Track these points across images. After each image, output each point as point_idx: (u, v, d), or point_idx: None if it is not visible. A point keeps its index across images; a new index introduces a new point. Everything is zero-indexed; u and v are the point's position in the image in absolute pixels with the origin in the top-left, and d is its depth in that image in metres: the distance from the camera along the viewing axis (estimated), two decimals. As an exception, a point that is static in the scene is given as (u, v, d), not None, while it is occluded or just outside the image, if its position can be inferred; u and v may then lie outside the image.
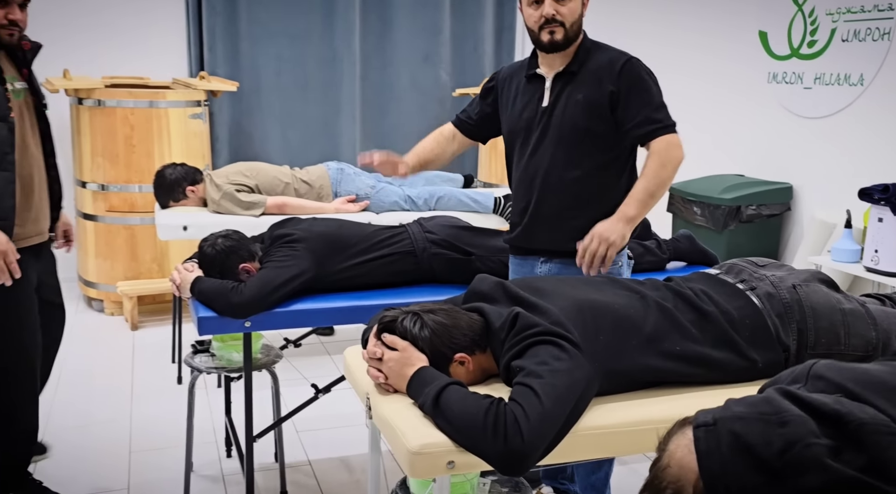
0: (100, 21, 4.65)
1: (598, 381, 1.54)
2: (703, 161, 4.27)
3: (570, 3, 2.06)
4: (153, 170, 4.04)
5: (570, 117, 2.10)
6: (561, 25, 2.05)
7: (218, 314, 2.22)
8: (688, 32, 4.35)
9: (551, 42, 2.07)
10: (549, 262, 2.20)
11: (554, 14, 2.04)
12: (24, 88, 2.40)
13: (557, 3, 2.05)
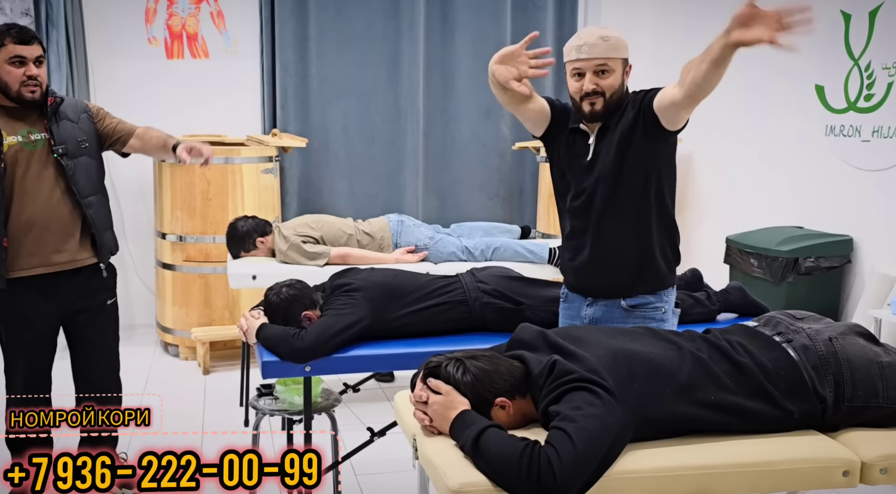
0: (183, 82, 5.00)
1: (631, 427, 1.61)
2: (761, 213, 4.27)
3: (610, 78, 2.14)
4: (227, 221, 4.30)
5: (609, 167, 2.18)
6: (601, 96, 2.14)
7: (280, 359, 2.38)
8: (745, 86, 4.41)
9: (591, 113, 2.17)
10: (594, 305, 2.28)
11: (594, 88, 2.13)
12: (42, 138, 2.64)
13: (598, 77, 2.13)
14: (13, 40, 2.56)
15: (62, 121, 2.70)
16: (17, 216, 2.62)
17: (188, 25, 4.98)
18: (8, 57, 2.55)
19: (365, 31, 5.19)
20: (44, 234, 2.65)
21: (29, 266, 2.64)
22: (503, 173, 5.55)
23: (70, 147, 2.68)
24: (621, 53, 2.16)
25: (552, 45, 5.54)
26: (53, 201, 2.67)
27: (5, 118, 2.63)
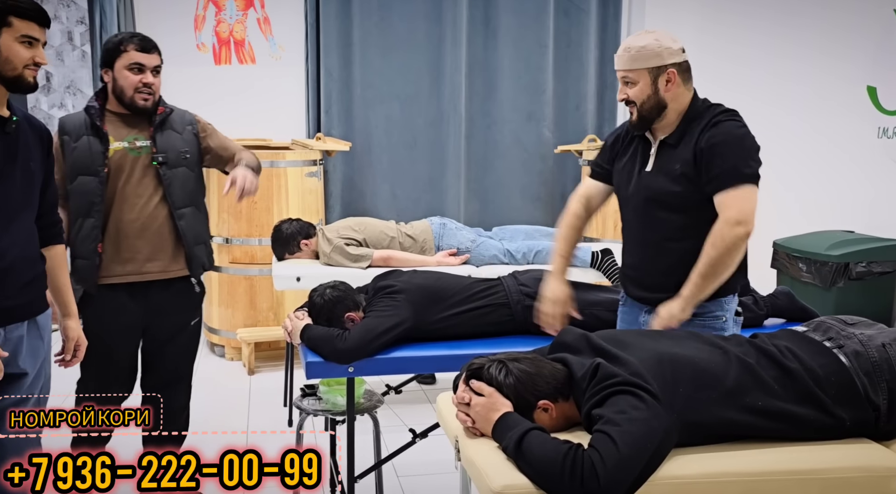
0: (230, 88, 5.10)
1: (676, 432, 1.59)
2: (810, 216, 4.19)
3: (635, 88, 2.15)
4: (271, 224, 4.36)
5: (661, 185, 2.16)
6: (634, 106, 2.16)
7: (324, 359, 2.40)
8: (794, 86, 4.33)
9: (632, 124, 2.21)
10: (651, 312, 2.24)
11: (624, 97, 2.17)
12: (147, 146, 2.65)
13: (626, 87, 2.17)
14: (135, 47, 2.57)
15: (167, 130, 2.69)
16: (115, 221, 2.63)
17: (235, 32, 5.08)
18: (128, 63, 2.56)
19: (408, 36, 5.23)
20: (138, 242, 2.64)
21: (122, 272, 2.64)
22: (545, 176, 5.54)
23: (171, 157, 2.67)
24: (644, 64, 2.13)
25: (595, 48, 5.51)
26: (149, 209, 2.66)
27: (115, 123, 2.64)
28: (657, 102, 2.16)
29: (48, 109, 5.14)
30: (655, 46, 2.14)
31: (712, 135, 2.10)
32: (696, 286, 2.08)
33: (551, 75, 5.44)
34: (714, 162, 2.08)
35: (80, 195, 2.61)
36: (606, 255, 3.73)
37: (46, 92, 5.14)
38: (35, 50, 2.02)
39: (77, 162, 2.61)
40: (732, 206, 2.05)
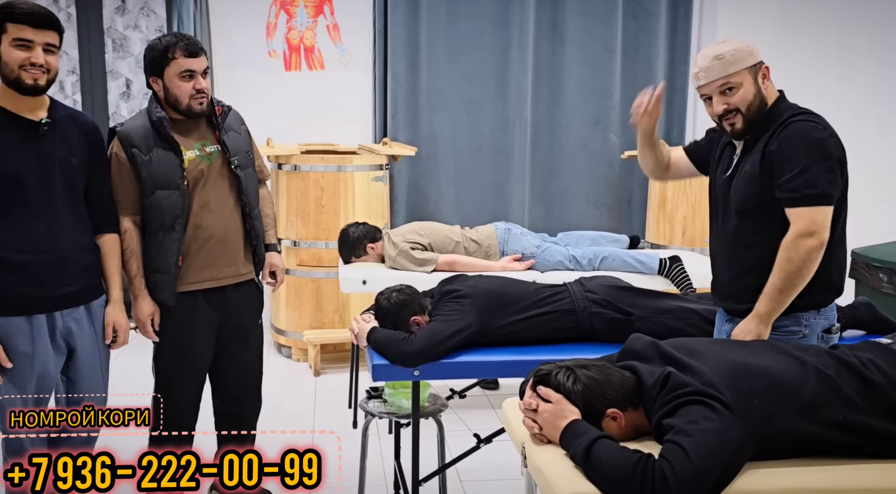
0: (299, 93, 5.20)
1: (750, 445, 1.55)
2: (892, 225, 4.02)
3: (739, 92, 2.05)
4: (338, 228, 4.43)
5: (740, 188, 2.11)
6: (738, 112, 2.06)
7: (390, 362, 2.42)
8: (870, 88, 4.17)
9: (734, 132, 2.10)
10: (732, 322, 2.18)
11: (725, 107, 2.06)
12: (216, 150, 2.61)
13: (725, 96, 2.06)
14: (183, 53, 2.47)
15: (230, 131, 2.66)
16: (196, 229, 2.59)
17: (305, 38, 5.18)
18: (178, 71, 2.46)
19: (474, 42, 5.24)
20: (217, 247, 2.63)
21: (199, 279, 2.62)
22: (611, 182, 5.47)
23: (241, 158, 2.66)
24: (742, 64, 2.05)
25: (665, 52, 5.42)
26: (227, 213, 2.64)
27: (178, 133, 2.56)
28: (761, 101, 2.08)
29: (127, 115, 5.33)
30: (744, 46, 2.07)
31: (785, 136, 2.01)
32: (770, 301, 2.01)
33: (619, 80, 5.37)
34: (784, 167, 1.99)
35: (161, 210, 2.53)
36: (675, 262, 3.65)
37: (126, 98, 5.34)
38: (31, 51, 2.13)
39: (154, 176, 2.51)
40: (803, 218, 1.97)
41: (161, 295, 2.58)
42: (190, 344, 2.63)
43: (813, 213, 1.97)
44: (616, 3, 5.28)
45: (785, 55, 4.84)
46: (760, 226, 2.08)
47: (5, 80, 2.15)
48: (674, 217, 4.80)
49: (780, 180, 2.00)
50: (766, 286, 2.02)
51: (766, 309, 2.01)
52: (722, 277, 2.21)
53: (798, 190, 1.97)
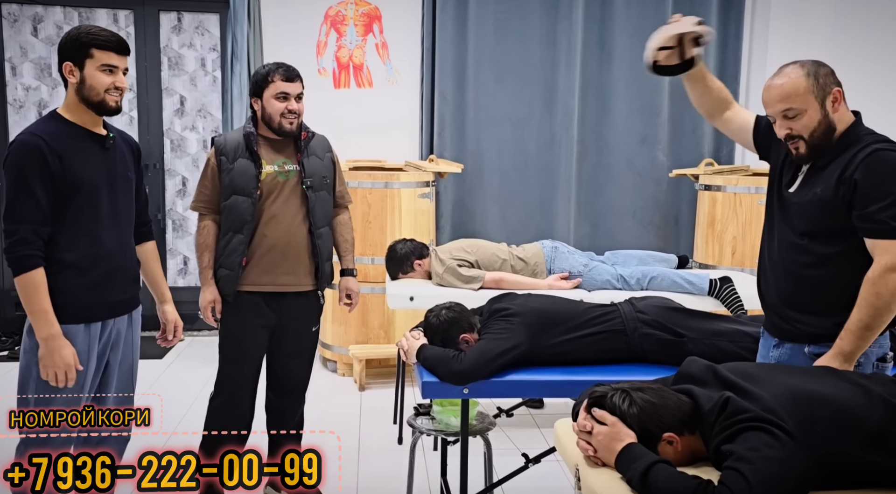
0: (348, 110, 5.26)
1: (813, 473, 1.52)
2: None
3: (803, 119, 1.98)
4: (385, 244, 4.46)
5: (806, 210, 2.03)
6: (800, 139, 2.00)
7: (440, 380, 2.43)
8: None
9: (798, 156, 2.04)
10: (780, 347, 2.11)
11: (788, 132, 2.01)
12: (294, 170, 2.91)
13: (788, 121, 2.00)
14: (281, 78, 2.82)
15: (311, 156, 2.96)
16: (262, 237, 2.88)
17: (355, 56, 5.26)
18: (275, 92, 2.82)
19: (522, 60, 5.26)
20: (279, 256, 2.89)
21: (260, 282, 2.89)
22: (658, 201, 5.42)
23: (315, 181, 2.93)
24: (808, 90, 1.98)
25: (715, 69, 5.37)
26: (293, 227, 2.90)
27: (266, 148, 2.90)
28: (828, 126, 2.00)
29: (181, 131, 5.47)
30: (813, 71, 2.00)
31: (871, 165, 1.92)
32: (857, 338, 1.91)
33: (667, 98, 5.34)
34: (871, 197, 1.91)
35: (234, 213, 2.87)
36: (726, 283, 3.60)
37: (180, 115, 5.47)
38: (115, 76, 2.28)
39: (233, 182, 2.86)
40: (890, 251, 1.90)
41: (224, 289, 2.90)
42: (246, 337, 2.91)
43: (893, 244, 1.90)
44: (665, 21, 5.25)
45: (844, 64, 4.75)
46: (826, 249, 2.00)
47: (86, 101, 2.27)
48: (723, 236, 4.74)
49: (865, 210, 1.92)
50: (849, 323, 1.92)
51: (852, 348, 1.92)
52: (773, 295, 2.13)
53: (887, 222, 1.89)
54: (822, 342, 2.00)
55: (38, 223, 2.20)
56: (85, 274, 2.29)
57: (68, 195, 2.25)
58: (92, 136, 2.32)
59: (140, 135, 5.37)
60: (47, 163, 2.20)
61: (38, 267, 2.19)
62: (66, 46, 2.27)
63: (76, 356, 2.24)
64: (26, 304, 2.20)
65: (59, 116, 2.30)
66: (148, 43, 5.36)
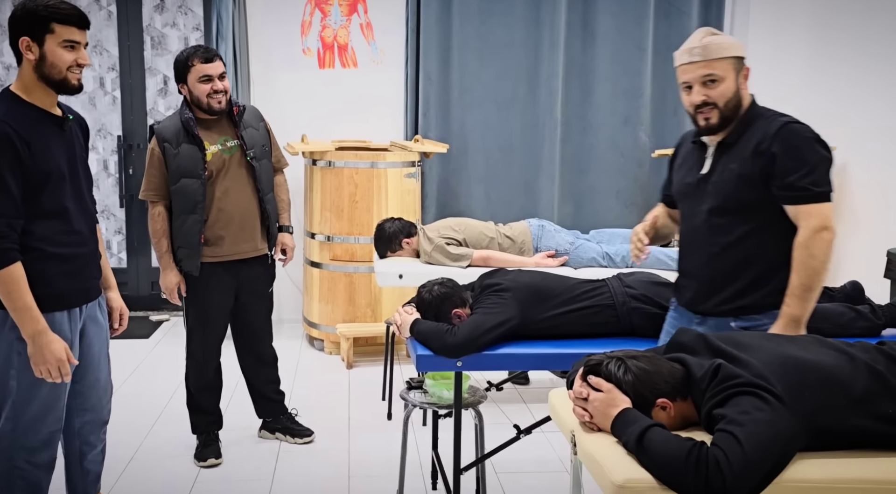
0: (333, 91, 5.27)
1: (801, 436, 1.58)
2: (926, 225, 4.02)
3: (720, 86, 2.05)
4: (371, 223, 4.48)
5: (723, 187, 2.11)
6: (714, 107, 2.07)
7: (434, 353, 2.47)
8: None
9: (707, 126, 2.11)
10: (704, 323, 2.19)
11: (704, 99, 2.07)
12: (236, 145, 3.12)
13: (706, 88, 2.06)
14: (200, 60, 2.99)
15: (248, 128, 3.17)
16: (218, 212, 3.10)
17: (339, 37, 5.25)
18: (198, 76, 2.98)
19: (506, 41, 5.28)
20: (237, 227, 3.14)
21: (220, 254, 3.13)
22: (641, 181, 5.49)
23: (257, 151, 3.17)
24: (733, 51, 2.06)
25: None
26: (245, 198, 3.15)
27: (203, 130, 3.07)
28: (738, 100, 2.10)
29: (164, 111, 5.42)
30: (731, 40, 2.08)
31: (784, 137, 2.03)
32: (802, 301, 2.00)
33: (649, 79, 5.39)
34: (789, 166, 2.01)
35: (184, 195, 3.06)
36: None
37: (164, 95, 5.43)
38: (77, 52, 2.13)
39: (180, 167, 3.04)
40: (815, 214, 2.01)
41: (187, 266, 3.11)
42: (211, 304, 3.18)
43: (823, 209, 2.02)
44: (648, 3, 5.30)
45: (820, 51, 4.84)
46: (743, 227, 2.09)
47: (47, 79, 2.12)
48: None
49: (786, 180, 2.01)
50: (790, 288, 2.01)
51: (800, 312, 2.01)
52: (697, 276, 2.19)
53: (808, 188, 2.00)
54: (746, 315, 2.10)
55: (11, 216, 2.07)
56: (63, 262, 2.20)
57: (39, 184, 2.13)
58: (51, 119, 2.18)
59: (123, 115, 5.33)
60: (17, 153, 2.06)
61: (15, 260, 2.07)
62: (22, 19, 2.08)
63: (68, 349, 2.16)
64: (7, 301, 2.09)
65: (15, 97, 2.13)
66: (130, 22, 5.31)
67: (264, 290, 3.34)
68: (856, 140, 4.58)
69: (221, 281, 3.16)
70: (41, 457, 2.28)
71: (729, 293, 2.12)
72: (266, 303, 3.39)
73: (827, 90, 4.78)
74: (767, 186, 2.05)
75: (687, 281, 2.25)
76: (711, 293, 2.16)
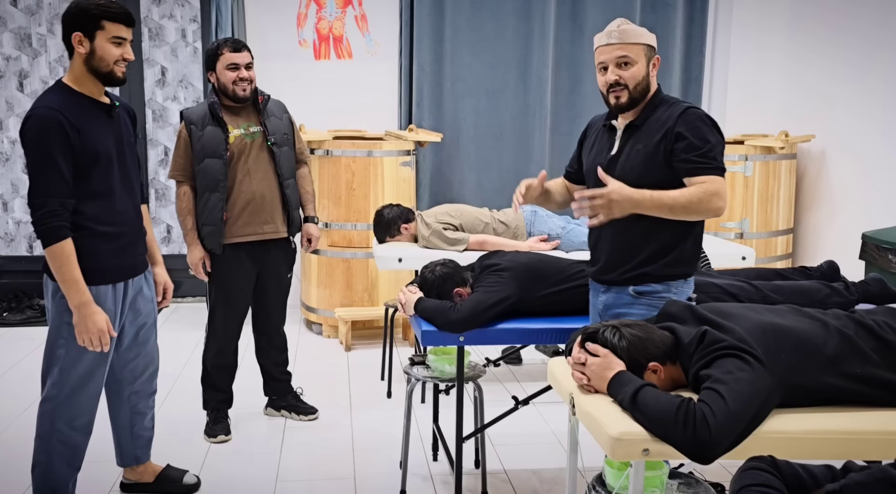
0: (328, 81, 5.39)
1: (779, 393, 1.75)
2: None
3: (633, 69, 2.24)
4: (368, 210, 4.62)
5: (630, 167, 2.28)
6: (625, 88, 2.25)
7: (437, 329, 2.63)
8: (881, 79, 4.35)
9: (617, 105, 2.28)
10: (608, 292, 2.39)
11: (617, 79, 2.24)
12: (258, 130, 3.30)
13: (620, 69, 2.24)
14: (229, 49, 3.20)
15: (271, 117, 3.36)
16: (239, 193, 3.28)
17: (334, 28, 5.37)
18: (226, 64, 3.19)
19: (497, 33, 5.43)
20: (257, 208, 3.31)
21: (244, 233, 3.30)
22: (628, 169, 5.64)
23: (278, 138, 3.35)
24: (646, 39, 2.25)
25: (682, 42, 5.60)
26: (266, 181, 3.33)
27: (228, 115, 3.28)
28: (647, 85, 2.28)
29: (162, 102, 5.53)
30: (644, 30, 2.27)
31: (687, 120, 2.20)
32: (656, 205, 2.16)
33: (636, 69, 5.54)
34: (693, 144, 2.18)
35: (208, 174, 3.23)
36: (694, 243, 3.84)
37: (161, 85, 5.53)
38: (123, 48, 2.36)
39: (204, 147, 3.22)
40: (715, 183, 2.17)
41: (210, 244, 3.27)
42: (233, 285, 3.33)
43: (718, 181, 2.18)
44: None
45: (800, 44, 5.01)
46: None
47: (95, 71, 2.34)
48: (690, 202, 4.99)
49: (687, 155, 2.18)
50: (664, 193, 2.16)
51: (646, 204, 2.16)
52: (605, 250, 2.38)
53: (708, 162, 2.18)
54: (644, 282, 2.31)
55: (63, 195, 2.29)
56: (109, 240, 2.41)
57: (87, 166, 2.34)
58: (99, 106, 2.41)
59: (121, 105, 5.42)
60: (67, 137, 2.27)
61: (66, 237, 2.28)
62: (76, 16, 2.30)
63: (108, 321, 2.36)
64: (57, 273, 2.30)
65: (67, 87, 2.36)
66: (128, 13, 5.39)
67: (284, 273, 3.49)
68: (834, 128, 4.77)
69: (243, 262, 3.32)
70: (80, 422, 2.48)
71: (631, 264, 2.32)
72: (284, 286, 3.53)
73: (807, 81, 4.96)
74: (670, 167, 2.23)
75: (596, 255, 2.44)
76: (617, 265, 2.35)
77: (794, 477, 1.38)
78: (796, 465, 1.40)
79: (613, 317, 2.36)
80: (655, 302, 2.30)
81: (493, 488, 2.96)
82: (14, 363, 4.40)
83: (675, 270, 2.31)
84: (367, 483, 3.00)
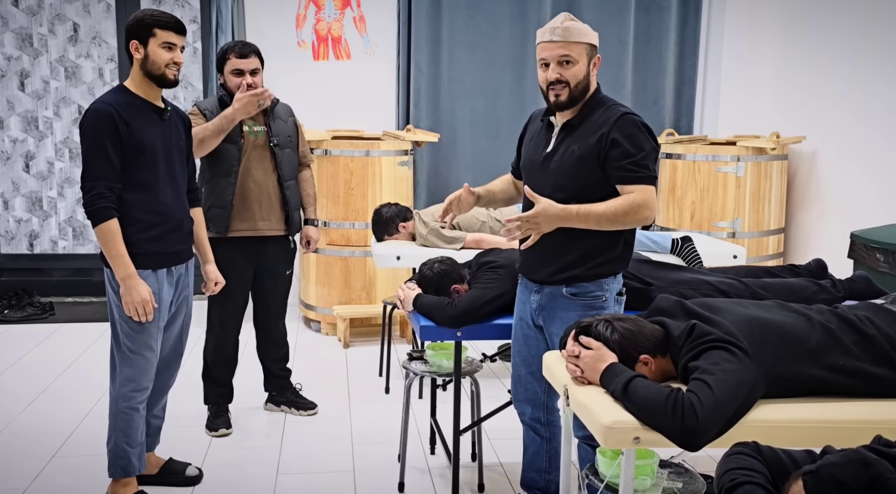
0: (327, 82, 5.46)
1: (763, 384, 1.83)
2: (888, 209, 4.29)
3: (574, 68, 2.25)
4: (366, 209, 4.69)
5: (565, 165, 2.31)
6: (566, 86, 2.26)
7: (436, 324, 2.69)
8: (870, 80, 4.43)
9: (556, 103, 2.30)
10: (541, 291, 2.43)
11: (558, 77, 2.26)
12: (262, 130, 3.39)
13: (561, 68, 2.25)
14: (235, 55, 3.29)
15: (277, 119, 3.45)
16: (240, 187, 3.38)
17: (333, 29, 5.43)
18: (232, 68, 3.29)
19: (493, 34, 5.50)
20: (255, 204, 3.39)
21: (243, 228, 3.39)
22: (623, 169, 5.71)
23: (281, 140, 3.43)
24: (585, 38, 2.25)
25: (674, 45, 5.68)
26: (265, 179, 3.41)
27: None
28: (587, 84, 2.30)
29: (162, 101, 5.58)
30: (588, 28, 2.28)
31: (622, 126, 2.22)
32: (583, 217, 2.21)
33: (630, 71, 5.63)
34: (626, 151, 2.20)
35: (222, 158, 3.32)
36: (686, 242, 3.92)
37: (161, 85, 5.59)
38: (174, 53, 2.61)
39: None
40: (645, 192, 2.22)
41: (216, 226, 3.31)
42: (230, 279, 3.31)
43: (648, 190, 2.23)
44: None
45: (792, 43, 5.10)
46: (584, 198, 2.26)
47: (149, 74, 2.58)
48: (683, 201, 5.08)
49: (621, 162, 2.21)
50: (591, 206, 2.21)
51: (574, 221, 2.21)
52: (538, 250, 2.35)
53: (640, 171, 2.22)
54: (577, 283, 2.35)
55: (111, 180, 2.53)
56: (149, 228, 2.62)
57: (133, 158, 2.57)
58: (153, 108, 2.64)
59: (121, 105, 5.48)
60: (117, 129, 2.51)
61: (113, 217, 2.52)
62: (133, 27, 2.58)
63: (151, 293, 2.59)
64: (106, 250, 2.54)
65: (126, 89, 2.62)
66: (129, 14, 5.44)
67: (282, 270, 3.57)
68: (825, 128, 4.85)
69: (241, 257, 3.40)
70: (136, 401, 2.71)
71: (562, 264, 2.35)
72: (283, 284, 3.60)
73: (798, 81, 5.04)
74: (603, 169, 2.26)
75: (527, 252, 2.45)
76: (548, 263, 2.39)
77: (776, 461, 1.45)
78: (778, 450, 1.47)
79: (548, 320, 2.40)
80: (590, 302, 2.33)
81: (489, 480, 3.03)
82: (14, 360, 4.46)
83: (604, 269, 2.34)
84: (366, 476, 3.07)
